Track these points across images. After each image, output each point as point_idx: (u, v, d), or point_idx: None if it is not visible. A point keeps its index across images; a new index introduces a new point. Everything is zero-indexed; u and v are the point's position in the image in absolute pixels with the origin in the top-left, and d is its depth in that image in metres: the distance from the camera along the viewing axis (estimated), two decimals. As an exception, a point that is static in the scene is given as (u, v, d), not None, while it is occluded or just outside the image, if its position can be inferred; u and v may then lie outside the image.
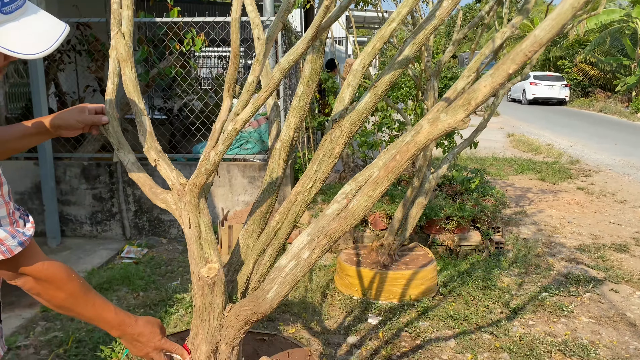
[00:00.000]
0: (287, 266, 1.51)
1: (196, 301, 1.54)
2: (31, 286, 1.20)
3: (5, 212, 1.11)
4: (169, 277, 4.26)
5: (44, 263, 1.20)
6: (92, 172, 5.17)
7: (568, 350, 3.15)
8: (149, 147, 1.64)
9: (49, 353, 3.09)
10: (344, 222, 1.46)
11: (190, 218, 1.50)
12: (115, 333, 1.41)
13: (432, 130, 1.28)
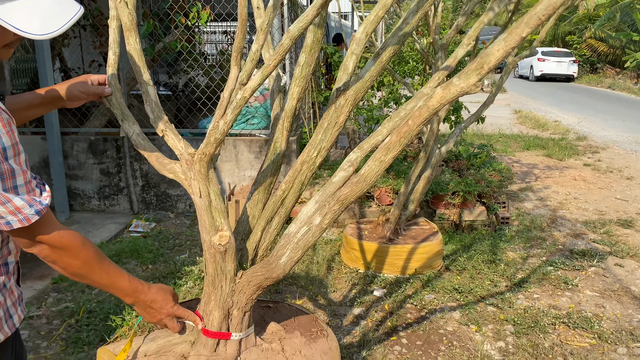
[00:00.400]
0: (298, 232, 1.53)
1: (208, 269, 1.56)
2: (47, 254, 1.22)
3: (22, 180, 1.11)
4: (177, 250, 4.31)
5: (59, 232, 1.21)
6: (99, 146, 5.19)
7: (572, 322, 3.18)
8: (156, 118, 1.65)
9: (61, 323, 3.15)
10: (355, 187, 1.48)
11: (201, 187, 1.51)
12: (128, 300, 1.43)
13: (444, 94, 1.28)
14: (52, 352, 2.85)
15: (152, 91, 1.68)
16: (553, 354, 2.87)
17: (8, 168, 1.07)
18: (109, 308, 3.22)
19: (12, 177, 1.09)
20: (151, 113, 1.65)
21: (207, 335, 1.60)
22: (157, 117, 1.65)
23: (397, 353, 2.89)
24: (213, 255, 1.51)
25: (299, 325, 1.89)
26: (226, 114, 1.44)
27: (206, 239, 1.52)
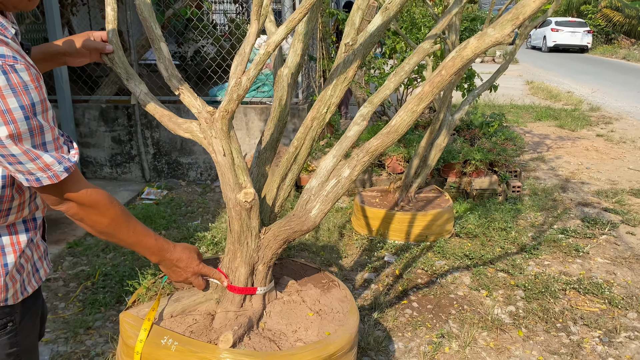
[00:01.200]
0: (327, 184, 1.55)
1: (234, 226, 1.57)
2: (75, 212, 1.22)
3: (50, 137, 1.10)
4: (189, 217, 4.35)
5: (87, 189, 1.21)
6: (111, 114, 5.20)
7: (582, 288, 3.20)
8: (170, 75, 1.62)
9: (78, 285, 3.21)
10: (386, 138, 1.49)
11: (223, 145, 1.51)
12: (154, 259, 1.44)
13: (479, 44, 1.29)
14: (70, 313, 2.91)
15: (165, 48, 1.65)
16: (563, 318, 2.89)
17: (37, 124, 1.06)
18: (124, 271, 3.27)
19: (40, 134, 1.07)
20: (165, 70, 1.61)
21: (234, 291, 1.63)
22: (171, 74, 1.62)
23: (408, 316, 2.92)
24: (239, 213, 1.53)
25: (309, 279, 1.93)
26: (249, 70, 1.43)
27: (231, 196, 1.53)
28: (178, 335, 1.57)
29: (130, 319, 1.64)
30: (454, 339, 2.68)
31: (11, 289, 1.24)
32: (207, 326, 1.63)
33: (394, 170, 4.89)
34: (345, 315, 1.78)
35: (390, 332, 2.75)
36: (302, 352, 1.54)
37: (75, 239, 3.85)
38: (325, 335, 1.65)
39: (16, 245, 1.25)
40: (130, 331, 1.60)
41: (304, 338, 1.64)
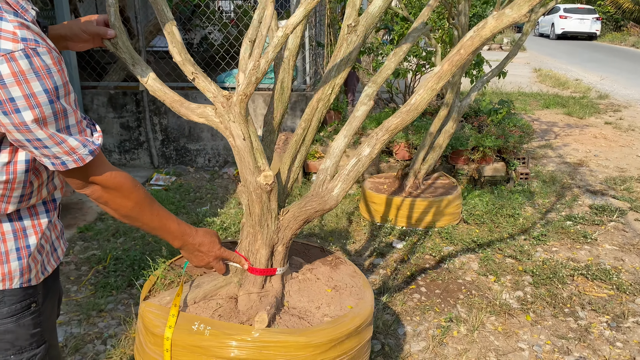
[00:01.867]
0: (349, 164, 1.58)
1: (254, 209, 1.59)
2: (99, 195, 1.22)
3: (74, 120, 1.10)
4: (198, 202, 4.38)
5: (112, 172, 1.21)
6: (119, 100, 5.22)
7: (590, 274, 3.21)
8: (184, 60, 1.61)
9: (89, 269, 3.25)
10: (406, 116, 1.53)
11: (242, 129, 1.51)
12: (177, 243, 1.45)
13: (497, 24, 1.32)
14: (82, 296, 2.95)
15: (177, 32, 1.64)
16: (571, 303, 2.91)
17: (61, 107, 1.05)
18: (135, 255, 3.30)
19: (64, 117, 1.07)
20: (178, 55, 1.58)
21: (255, 273, 1.65)
22: (185, 59, 1.61)
23: (416, 300, 2.95)
24: (259, 196, 1.55)
25: (315, 257, 1.97)
26: (266, 53, 1.43)
27: (251, 180, 1.54)
28: (209, 320, 1.57)
29: (153, 308, 1.63)
30: (462, 323, 2.71)
31: (33, 270, 1.26)
32: (232, 309, 1.65)
33: (402, 157, 4.90)
34: (360, 289, 1.83)
35: (399, 316, 2.77)
36: (333, 326, 1.57)
37: (86, 223, 3.88)
38: (349, 309, 1.69)
39: (37, 227, 1.26)
40: (156, 320, 1.59)
41: (330, 313, 1.68)
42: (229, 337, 1.50)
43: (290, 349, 1.50)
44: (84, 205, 4.23)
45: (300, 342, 1.51)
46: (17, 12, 1.02)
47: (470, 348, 2.53)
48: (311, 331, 1.54)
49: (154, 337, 1.58)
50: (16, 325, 1.24)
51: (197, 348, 1.51)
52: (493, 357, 2.47)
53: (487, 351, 2.51)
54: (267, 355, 1.49)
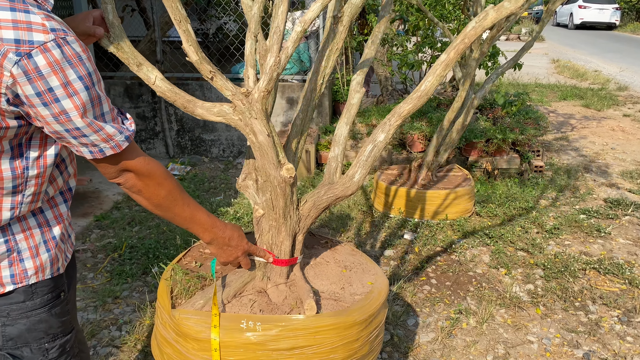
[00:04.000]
0: (366, 150, 1.67)
1: (278, 203, 1.62)
2: (133, 183, 1.21)
3: (107, 107, 1.11)
4: (212, 192, 4.43)
5: (145, 158, 1.20)
6: (135, 91, 5.28)
7: (603, 268, 3.20)
8: (201, 59, 1.59)
9: (105, 257, 3.32)
10: (417, 102, 1.60)
11: (264, 125, 1.52)
12: (207, 237, 1.40)
13: (497, 15, 1.44)
14: (99, 283, 3.02)
15: (192, 30, 1.64)
16: (582, 297, 2.91)
17: (96, 94, 1.06)
18: (149, 244, 3.37)
19: (99, 104, 1.08)
20: (194, 54, 1.50)
21: (281, 264, 1.69)
22: (201, 58, 1.59)
23: (426, 292, 2.97)
24: (284, 189, 1.58)
25: (309, 242, 2.04)
26: (286, 48, 1.46)
27: (275, 174, 1.56)
28: (256, 316, 1.57)
29: (190, 314, 1.59)
30: (471, 315, 2.72)
31: (60, 259, 1.29)
32: (267, 302, 1.67)
33: (415, 148, 4.89)
34: (367, 265, 1.90)
35: (409, 307, 2.80)
36: (368, 302, 1.66)
37: (102, 212, 3.96)
38: (370, 285, 1.77)
39: (59, 217, 1.28)
40: (197, 326, 1.55)
41: (356, 291, 1.74)
42: (283, 329, 1.53)
43: (339, 330, 1.56)
44: (101, 194, 4.31)
45: (347, 322, 1.57)
46: (40, 5, 1.04)
47: (479, 340, 2.55)
48: (353, 310, 1.61)
49: (199, 343, 1.54)
50: (48, 314, 1.27)
51: (251, 345, 1.51)
52: (502, 350, 2.49)
53: (495, 343, 2.53)
54: (320, 339, 1.55)
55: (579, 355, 2.45)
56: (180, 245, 3.34)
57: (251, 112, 1.51)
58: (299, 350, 1.54)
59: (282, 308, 1.66)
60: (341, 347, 1.58)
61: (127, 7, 6.63)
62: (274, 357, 1.52)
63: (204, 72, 1.53)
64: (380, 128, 1.68)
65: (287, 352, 1.53)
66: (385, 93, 6.75)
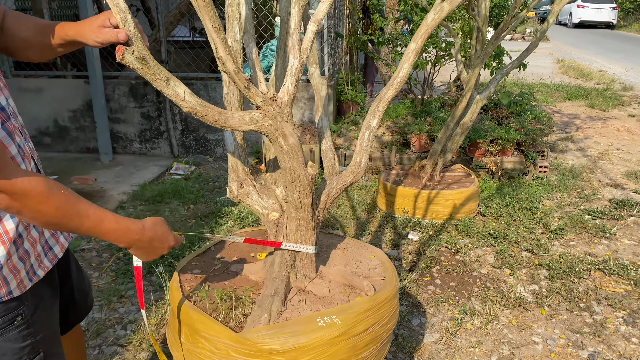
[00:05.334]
0: (364, 136, 1.81)
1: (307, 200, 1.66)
2: (7, 204, 1.04)
3: None
4: (217, 192, 4.44)
5: (18, 178, 1.04)
6: (140, 90, 5.29)
7: (608, 269, 3.19)
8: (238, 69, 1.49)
9: (110, 256, 3.33)
10: (398, 87, 1.78)
11: (294, 128, 1.54)
12: (122, 243, 1.25)
13: (450, 7, 1.71)
14: (104, 282, 3.03)
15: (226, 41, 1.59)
16: (587, 298, 2.90)
17: None
18: (155, 243, 3.37)
19: None
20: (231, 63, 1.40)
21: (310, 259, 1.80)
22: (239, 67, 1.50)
23: (430, 292, 2.96)
24: (310, 184, 1.64)
25: None
26: (305, 49, 1.49)
27: (304, 173, 1.61)
28: (325, 311, 1.61)
29: (264, 331, 1.55)
30: (476, 316, 2.72)
31: (13, 281, 1.17)
32: (318, 298, 1.73)
33: (420, 148, 4.89)
34: (356, 243, 2.12)
35: (413, 307, 2.80)
36: (391, 271, 1.88)
37: (107, 211, 3.97)
38: (374, 258, 1.96)
39: (4, 235, 1.15)
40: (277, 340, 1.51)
41: (371, 265, 1.91)
42: (357, 314, 1.61)
43: (390, 300, 1.74)
44: (106, 194, 4.32)
45: (393, 291, 1.77)
46: None
47: (484, 340, 2.54)
48: (391, 280, 1.82)
49: (284, 355, 1.53)
50: (1, 340, 1.17)
51: (335, 339, 1.54)
52: (506, 350, 2.48)
53: (500, 344, 2.53)
54: (382, 313, 1.69)
55: (584, 356, 2.45)
56: (185, 245, 3.35)
57: (282, 115, 1.49)
58: (371, 329, 1.64)
59: (337, 297, 1.74)
60: (392, 315, 1.75)
61: (132, 7, 6.64)
62: (353, 342, 1.59)
63: (239, 81, 1.46)
64: (371, 114, 1.82)
65: (363, 334, 1.62)
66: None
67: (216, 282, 1.83)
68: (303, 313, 1.65)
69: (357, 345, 1.60)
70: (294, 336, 1.51)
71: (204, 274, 1.87)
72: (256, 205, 1.78)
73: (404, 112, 5.45)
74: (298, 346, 1.50)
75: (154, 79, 1.22)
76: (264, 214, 1.74)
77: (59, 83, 5.39)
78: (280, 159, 1.58)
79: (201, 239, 3.43)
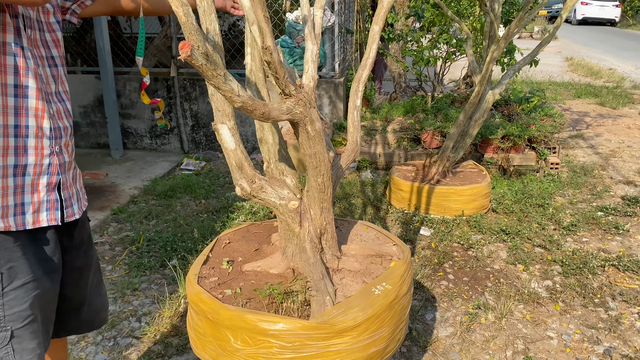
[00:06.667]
0: (354, 116, 1.94)
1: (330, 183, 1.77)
2: None
3: None
4: (227, 187, 4.45)
5: None
6: (151, 86, 5.30)
7: (622, 265, 3.17)
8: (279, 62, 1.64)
9: (123, 250, 3.34)
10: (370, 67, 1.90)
11: (318, 114, 1.61)
12: None
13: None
14: (117, 275, 3.04)
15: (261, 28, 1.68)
16: (602, 294, 2.88)
17: None
18: (167, 237, 3.38)
19: None
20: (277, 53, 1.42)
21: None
22: (279, 60, 1.67)
23: (443, 287, 2.96)
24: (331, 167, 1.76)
25: None
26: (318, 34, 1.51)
27: (327, 157, 1.71)
28: (375, 280, 1.77)
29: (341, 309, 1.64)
30: (490, 311, 2.71)
31: None
32: (356, 271, 1.88)
33: (430, 144, 4.88)
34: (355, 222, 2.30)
35: (427, 302, 2.79)
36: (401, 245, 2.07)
37: (119, 206, 3.98)
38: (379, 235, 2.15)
39: None
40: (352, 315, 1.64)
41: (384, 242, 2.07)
42: (400, 277, 1.80)
43: (410, 266, 1.93)
44: (117, 189, 4.34)
45: (409, 259, 1.93)
46: None
47: (498, 335, 2.54)
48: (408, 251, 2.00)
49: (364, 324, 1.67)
50: None
51: (391, 303, 1.71)
52: (521, 345, 2.47)
53: (515, 338, 2.52)
54: (409, 278, 1.87)
55: (600, 351, 2.43)
56: (197, 239, 3.36)
57: (310, 102, 1.53)
58: (408, 294, 1.83)
59: (371, 267, 1.88)
60: (411, 281, 1.91)
61: (142, 3, 6.64)
62: (402, 303, 1.77)
63: (281, 70, 1.48)
64: (354, 95, 1.95)
65: (407, 294, 1.81)
66: (399, 90, 6.73)
67: (242, 282, 1.82)
68: (352, 288, 1.76)
69: (404, 306, 1.79)
70: (362, 309, 1.61)
71: (221, 279, 1.86)
72: (272, 197, 1.77)
73: (414, 109, 5.44)
74: (367, 317, 1.60)
75: (214, 75, 1.20)
76: (282, 204, 1.74)
77: (70, 79, 5.39)
78: (305, 145, 1.59)
79: (212, 233, 3.44)
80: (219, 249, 2.05)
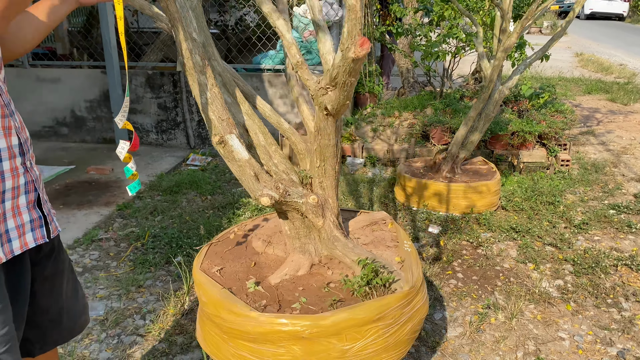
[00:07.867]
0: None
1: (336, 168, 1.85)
2: None
3: None
4: (233, 183, 4.41)
5: None
6: (157, 81, 5.27)
7: (635, 264, 3.10)
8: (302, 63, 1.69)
9: (128, 246, 3.31)
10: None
11: None
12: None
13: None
14: (122, 271, 3.01)
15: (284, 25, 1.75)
16: (614, 294, 2.82)
17: None
18: (172, 233, 3.35)
19: None
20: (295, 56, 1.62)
21: None
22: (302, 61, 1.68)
23: (452, 286, 2.90)
24: None
25: None
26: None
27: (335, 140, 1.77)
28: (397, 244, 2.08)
29: None
30: (500, 310, 2.66)
31: None
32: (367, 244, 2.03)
33: (439, 141, 4.81)
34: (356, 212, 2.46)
35: (435, 301, 2.74)
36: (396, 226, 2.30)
37: (125, 201, 3.95)
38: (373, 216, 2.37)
39: None
40: None
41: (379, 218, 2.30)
42: (407, 238, 2.16)
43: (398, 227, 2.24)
44: (123, 184, 4.31)
45: None
46: None
47: (509, 335, 2.48)
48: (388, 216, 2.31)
49: None
50: None
51: (415, 259, 2.04)
52: (532, 346, 2.42)
53: (525, 339, 2.46)
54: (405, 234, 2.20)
55: (613, 353, 2.38)
56: (203, 235, 3.32)
57: None
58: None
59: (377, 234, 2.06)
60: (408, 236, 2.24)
61: None
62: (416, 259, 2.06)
63: (304, 74, 1.66)
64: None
65: None
66: (407, 85, 6.67)
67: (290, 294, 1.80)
68: (386, 254, 2.00)
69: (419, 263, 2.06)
70: (410, 268, 1.94)
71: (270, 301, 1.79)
72: (296, 198, 1.73)
73: (422, 105, 5.38)
74: (419, 275, 1.94)
75: None
76: (304, 202, 1.71)
77: (75, 73, 5.38)
78: (322, 125, 1.68)
79: (218, 229, 3.40)
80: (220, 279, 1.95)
